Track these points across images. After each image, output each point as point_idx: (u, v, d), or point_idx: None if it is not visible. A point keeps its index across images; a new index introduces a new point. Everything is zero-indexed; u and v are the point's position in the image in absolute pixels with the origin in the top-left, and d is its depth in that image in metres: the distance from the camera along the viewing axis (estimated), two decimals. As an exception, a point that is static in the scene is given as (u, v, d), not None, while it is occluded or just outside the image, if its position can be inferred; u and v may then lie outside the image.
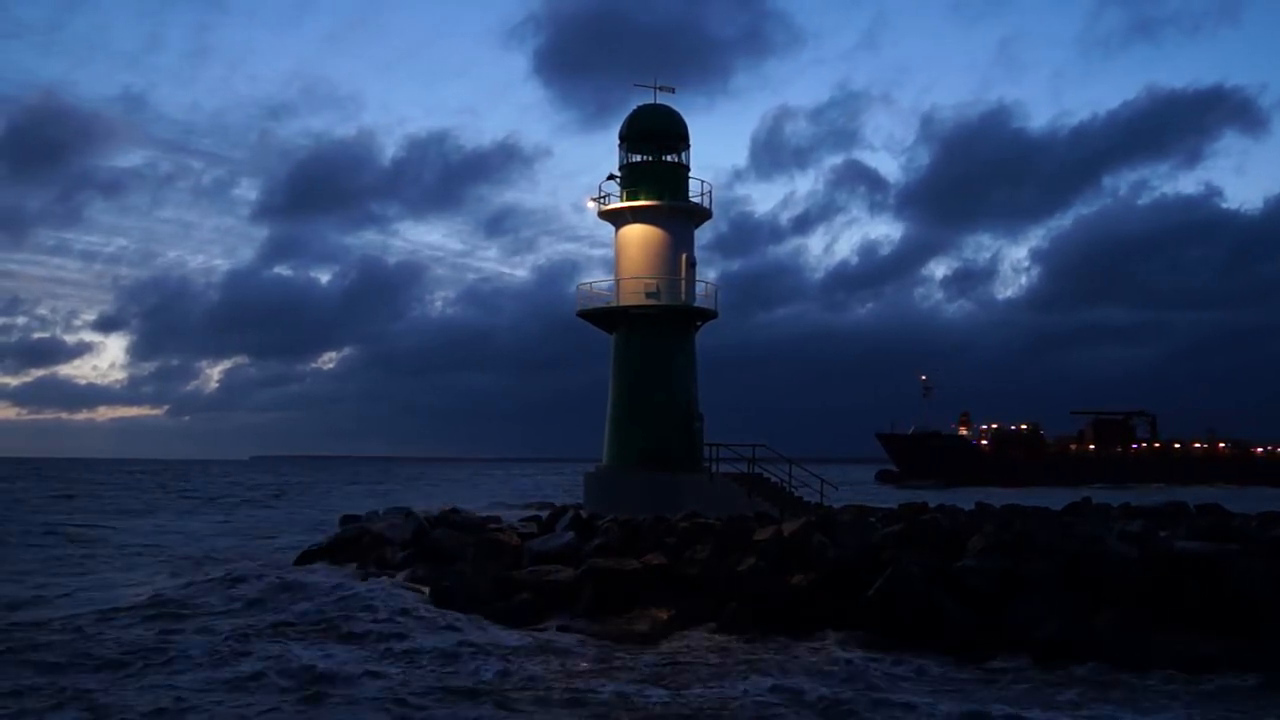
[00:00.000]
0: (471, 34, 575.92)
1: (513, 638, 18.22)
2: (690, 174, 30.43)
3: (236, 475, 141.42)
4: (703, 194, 30.25)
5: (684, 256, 29.58)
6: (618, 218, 29.95)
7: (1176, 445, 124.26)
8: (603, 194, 30.43)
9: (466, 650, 17.10)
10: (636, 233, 29.51)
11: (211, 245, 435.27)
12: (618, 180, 30.29)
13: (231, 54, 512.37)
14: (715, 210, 30.73)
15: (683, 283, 29.44)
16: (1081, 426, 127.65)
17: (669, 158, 30.31)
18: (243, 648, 17.23)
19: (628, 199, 29.72)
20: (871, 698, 14.34)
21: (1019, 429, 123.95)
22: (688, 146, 30.60)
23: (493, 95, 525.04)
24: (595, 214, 30.63)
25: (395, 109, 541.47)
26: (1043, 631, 17.15)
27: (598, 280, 30.80)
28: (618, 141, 30.60)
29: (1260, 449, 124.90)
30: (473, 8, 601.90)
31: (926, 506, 23.62)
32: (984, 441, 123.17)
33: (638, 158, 30.26)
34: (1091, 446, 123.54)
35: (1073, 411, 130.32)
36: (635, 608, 20.01)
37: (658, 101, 30.72)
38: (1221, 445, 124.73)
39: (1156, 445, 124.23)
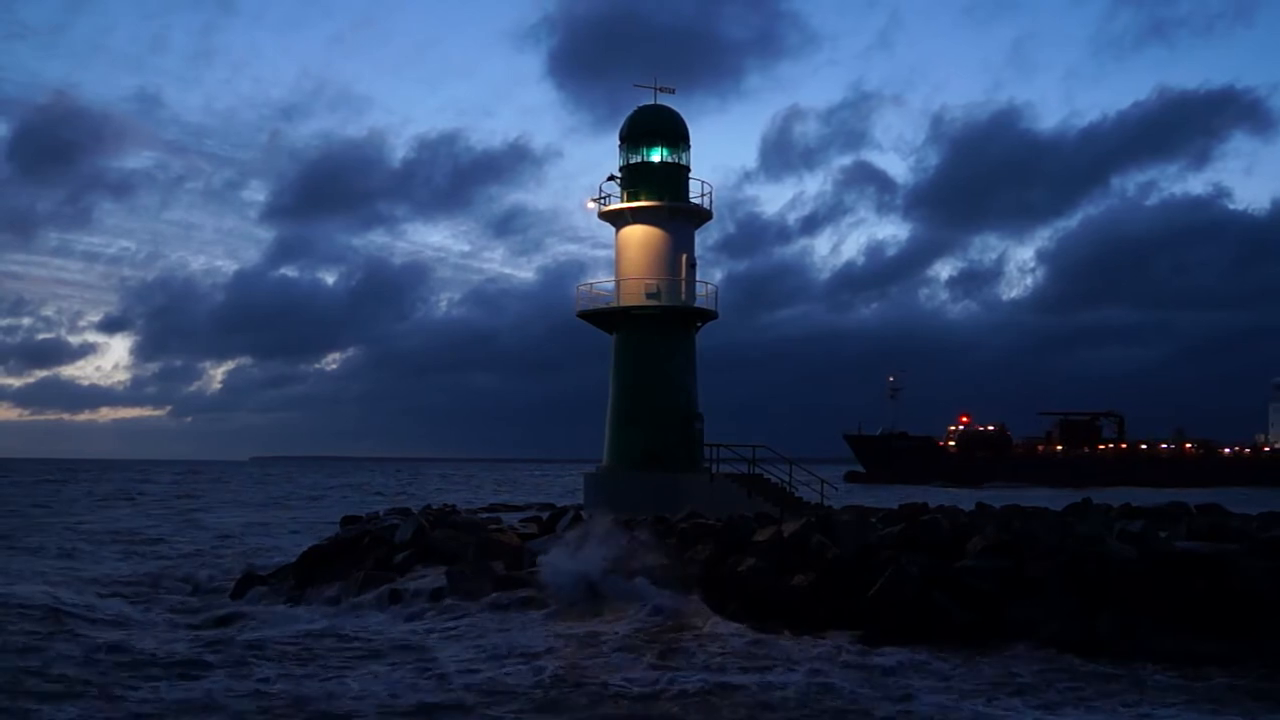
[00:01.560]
0: (484, 35, 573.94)
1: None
2: (691, 174, 30.45)
3: (277, 475, 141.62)
4: (703, 195, 30.29)
5: (684, 257, 29.59)
6: (618, 218, 29.94)
7: (1143, 446, 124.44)
8: (603, 194, 30.45)
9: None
10: (637, 233, 29.52)
11: (219, 246, 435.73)
12: (618, 181, 30.28)
13: (239, 55, 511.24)
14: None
15: (683, 283, 29.44)
16: (1048, 427, 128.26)
17: (669, 158, 30.30)
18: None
19: (628, 200, 29.71)
20: (871, 699, 14.36)
21: (985, 430, 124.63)
22: (688, 147, 30.61)
23: (505, 97, 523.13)
24: (595, 215, 30.64)
25: (406, 110, 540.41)
26: (1043, 632, 17.18)
27: (598, 281, 30.83)
28: (618, 142, 30.61)
29: (1228, 449, 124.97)
30: (485, 9, 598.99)
31: (927, 507, 23.60)
32: (951, 442, 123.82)
33: (638, 158, 30.26)
34: (1058, 447, 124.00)
35: (1040, 412, 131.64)
36: (636, 608, 20.00)
37: (658, 102, 30.74)
38: (1188, 446, 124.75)
39: (1123, 446, 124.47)
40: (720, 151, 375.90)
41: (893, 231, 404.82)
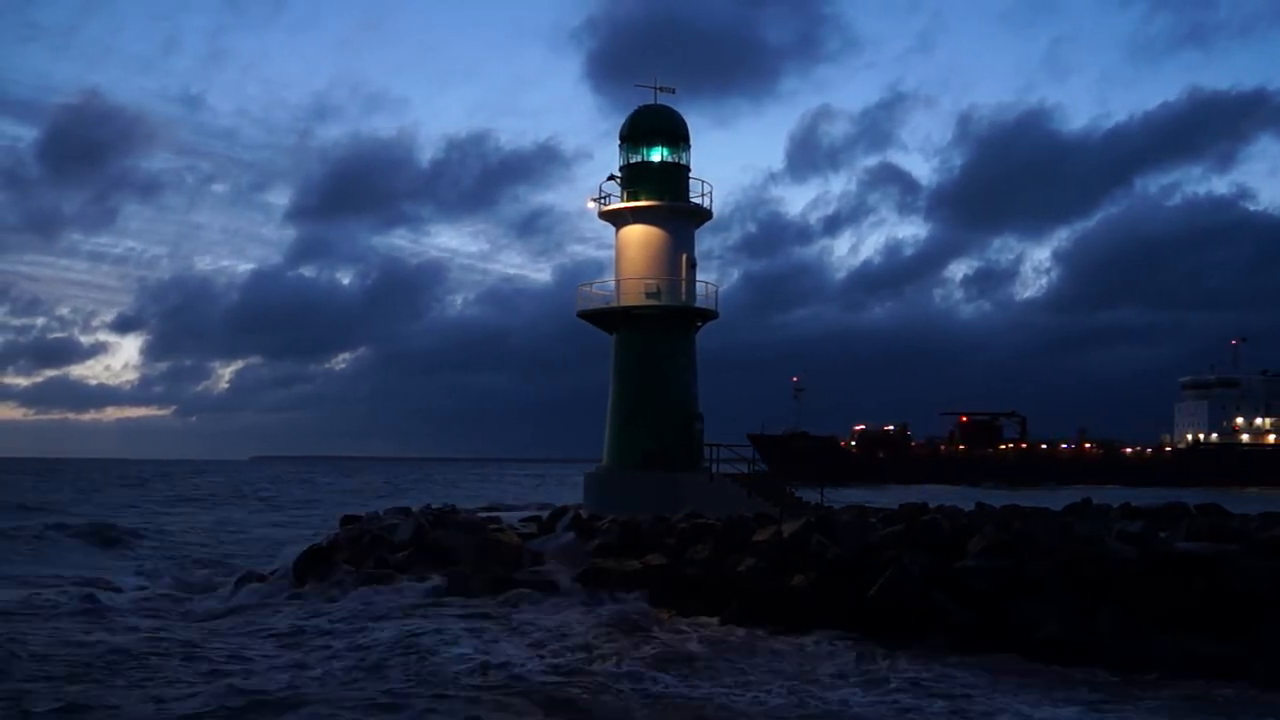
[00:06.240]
0: (521, 37, 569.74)
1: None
2: (691, 174, 30.45)
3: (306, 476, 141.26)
4: (703, 194, 30.31)
5: (684, 257, 29.60)
6: (618, 218, 29.97)
7: (1044, 446, 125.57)
8: (603, 194, 30.46)
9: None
10: (637, 233, 29.54)
11: (238, 247, 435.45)
12: (618, 180, 30.29)
13: (262, 56, 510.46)
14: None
15: (683, 283, 29.46)
16: (950, 427, 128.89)
17: (669, 158, 30.30)
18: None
19: (628, 199, 29.73)
20: (872, 699, 14.36)
21: (886, 430, 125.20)
22: (688, 146, 30.61)
23: (540, 98, 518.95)
24: (596, 214, 30.65)
25: (436, 110, 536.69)
26: (1043, 632, 17.16)
27: (598, 281, 30.84)
28: (619, 142, 30.61)
29: (1128, 449, 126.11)
30: (523, 11, 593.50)
31: (927, 506, 23.59)
32: (852, 443, 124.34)
33: (638, 158, 30.27)
34: (960, 447, 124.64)
35: (942, 412, 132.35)
36: (635, 608, 20.03)
37: (658, 102, 30.74)
38: (1089, 445, 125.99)
39: (1024, 445, 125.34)
40: (752, 152, 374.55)
41: (913, 232, 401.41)
